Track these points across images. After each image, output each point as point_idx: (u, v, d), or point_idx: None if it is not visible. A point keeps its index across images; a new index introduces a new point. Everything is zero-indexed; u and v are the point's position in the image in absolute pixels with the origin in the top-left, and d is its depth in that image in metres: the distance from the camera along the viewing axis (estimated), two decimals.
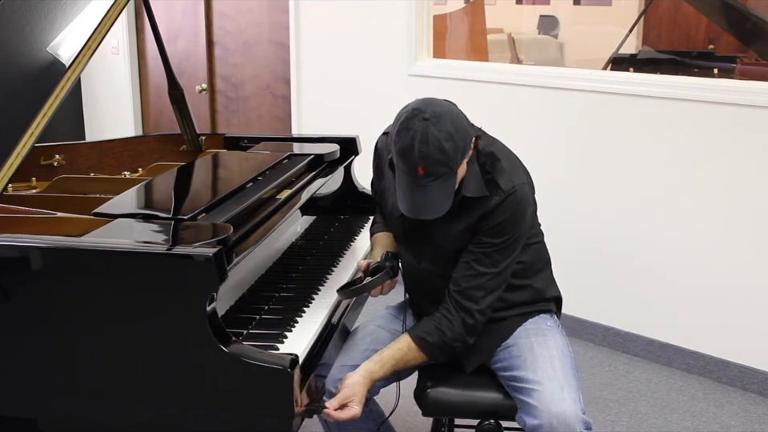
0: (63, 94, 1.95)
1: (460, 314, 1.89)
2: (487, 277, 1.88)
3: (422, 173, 1.72)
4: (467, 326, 1.89)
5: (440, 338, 1.89)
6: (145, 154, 2.72)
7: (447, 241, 1.93)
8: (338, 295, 1.97)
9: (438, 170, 1.73)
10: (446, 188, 1.75)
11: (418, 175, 1.73)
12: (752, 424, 2.89)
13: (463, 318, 1.89)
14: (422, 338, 1.90)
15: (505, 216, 1.85)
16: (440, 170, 1.73)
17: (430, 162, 1.71)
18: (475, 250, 1.89)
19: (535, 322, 2.02)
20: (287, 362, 1.54)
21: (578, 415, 1.78)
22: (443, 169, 1.73)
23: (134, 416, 1.63)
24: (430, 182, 1.73)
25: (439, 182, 1.74)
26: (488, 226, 1.86)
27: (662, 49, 5.20)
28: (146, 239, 1.71)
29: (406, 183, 1.77)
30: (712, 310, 3.16)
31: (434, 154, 1.71)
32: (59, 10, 2.23)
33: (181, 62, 4.97)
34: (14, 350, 1.64)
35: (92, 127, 5.71)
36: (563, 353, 1.94)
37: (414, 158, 1.72)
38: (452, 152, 1.73)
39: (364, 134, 2.83)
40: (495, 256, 1.88)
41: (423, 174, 1.72)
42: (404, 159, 1.74)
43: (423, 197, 1.75)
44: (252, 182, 2.14)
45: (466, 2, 5.58)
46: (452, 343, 1.90)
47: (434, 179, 1.73)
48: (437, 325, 1.89)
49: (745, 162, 3.01)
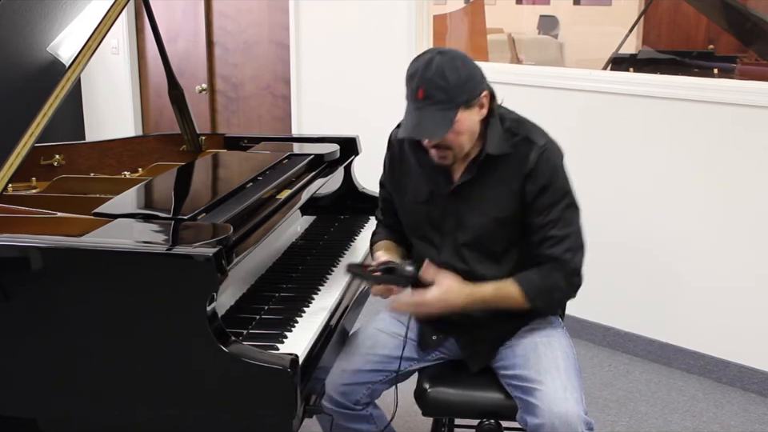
0: (63, 94, 1.95)
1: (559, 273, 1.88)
2: (569, 239, 1.88)
3: (422, 96, 1.79)
4: (569, 282, 1.89)
5: (544, 280, 1.87)
6: (145, 153, 2.72)
7: (489, 213, 1.90)
8: (346, 268, 1.98)
9: (436, 94, 1.78)
10: (443, 117, 1.80)
11: (418, 98, 1.80)
12: (752, 424, 2.89)
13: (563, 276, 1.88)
14: (527, 276, 1.87)
15: (549, 170, 1.88)
16: (438, 95, 1.78)
17: (430, 85, 1.78)
18: (543, 220, 1.88)
19: (540, 323, 2.02)
20: (287, 362, 1.54)
21: (581, 415, 1.78)
22: (441, 95, 1.78)
23: (134, 416, 1.63)
24: (428, 104, 1.79)
25: (437, 108, 1.79)
26: (539, 186, 1.87)
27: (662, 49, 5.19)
28: (146, 239, 1.71)
29: (408, 108, 1.83)
30: (712, 309, 3.16)
31: (434, 79, 1.78)
32: (59, 9, 2.23)
33: (181, 62, 4.97)
34: (14, 350, 1.64)
35: (92, 127, 5.71)
36: (567, 354, 1.94)
37: (416, 81, 1.80)
38: (453, 83, 1.78)
39: (364, 134, 2.83)
40: (566, 215, 1.89)
41: (422, 98, 1.79)
42: (408, 84, 1.82)
43: (419, 118, 1.80)
44: (252, 181, 2.14)
45: (466, 2, 5.58)
46: (553, 287, 1.88)
47: (432, 103, 1.79)
48: (540, 271, 1.88)
49: (745, 162, 3.01)
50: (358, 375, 1.99)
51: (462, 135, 1.84)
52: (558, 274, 1.88)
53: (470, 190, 1.92)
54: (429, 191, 1.97)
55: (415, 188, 1.99)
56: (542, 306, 1.92)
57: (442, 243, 1.98)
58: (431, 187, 1.97)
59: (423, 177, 1.99)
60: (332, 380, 1.95)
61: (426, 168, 1.98)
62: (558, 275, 1.88)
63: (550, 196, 1.88)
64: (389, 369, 2.02)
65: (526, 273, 1.89)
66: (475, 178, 1.91)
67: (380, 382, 2.02)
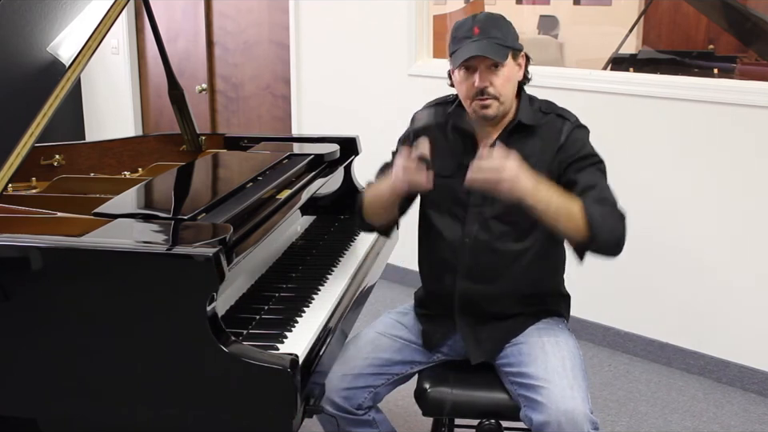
0: (63, 94, 1.95)
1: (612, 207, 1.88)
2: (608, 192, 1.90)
3: (478, 32, 1.88)
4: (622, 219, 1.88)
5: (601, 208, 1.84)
6: (145, 153, 2.72)
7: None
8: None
9: (491, 31, 1.88)
10: (497, 50, 1.88)
11: (474, 34, 1.89)
12: (752, 424, 2.89)
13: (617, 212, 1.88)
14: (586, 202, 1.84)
15: (581, 142, 1.95)
16: (493, 32, 1.89)
17: (486, 24, 1.89)
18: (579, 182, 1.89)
19: (547, 323, 2.02)
20: (287, 362, 1.54)
21: (587, 414, 1.77)
22: (496, 33, 1.89)
23: (134, 416, 1.63)
24: (484, 38, 1.88)
25: (492, 42, 1.87)
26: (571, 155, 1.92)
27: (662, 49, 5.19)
28: (146, 239, 1.71)
29: (461, 45, 1.90)
30: (712, 309, 3.16)
31: (489, 21, 1.91)
32: (59, 9, 2.23)
33: (181, 62, 4.97)
34: (14, 350, 1.64)
35: (92, 127, 5.71)
36: (574, 354, 1.94)
37: (471, 22, 1.90)
38: (505, 29, 1.91)
39: (364, 134, 2.83)
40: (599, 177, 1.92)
41: (479, 33, 1.88)
42: (460, 30, 1.92)
43: (479, 46, 1.87)
44: (252, 181, 2.14)
45: (466, 2, 5.57)
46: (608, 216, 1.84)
47: (488, 37, 1.88)
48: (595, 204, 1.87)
49: (745, 162, 3.01)
50: (360, 379, 1.99)
51: (509, 83, 1.93)
52: (610, 205, 1.88)
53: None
54: (456, 164, 1.97)
55: (440, 163, 1.96)
56: (599, 227, 1.82)
57: (467, 217, 1.98)
58: (459, 160, 1.97)
59: (449, 151, 2.00)
60: (334, 384, 1.95)
61: (452, 141, 2.01)
62: (609, 206, 1.87)
63: (584, 160, 1.93)
64: (391, 372, 2.02)
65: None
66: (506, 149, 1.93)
67: (382, 386, 2.02)
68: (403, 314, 2.14)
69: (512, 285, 1.99)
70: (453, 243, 2.00)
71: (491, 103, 1.91)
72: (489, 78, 1.89)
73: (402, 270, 3.93)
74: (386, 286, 4.00)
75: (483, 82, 1.90)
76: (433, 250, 2.06)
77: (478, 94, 1.91)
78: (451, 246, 2.00)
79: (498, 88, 1.90)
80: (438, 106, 2.08)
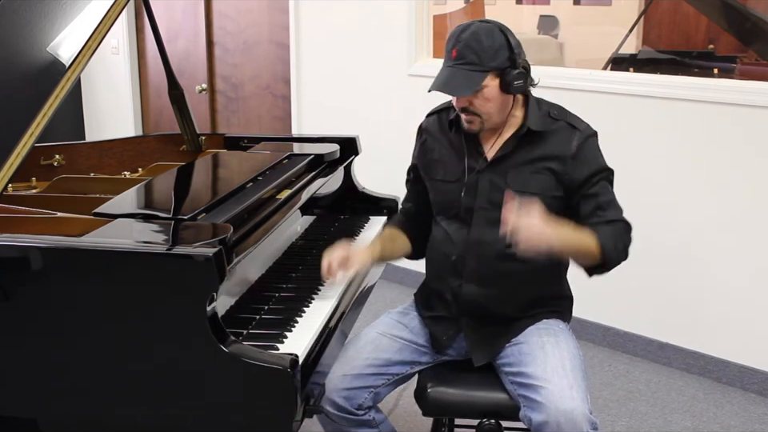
0: (63, 94, 1.95)
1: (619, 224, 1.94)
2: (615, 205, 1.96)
3: (455, 55, 1.88)
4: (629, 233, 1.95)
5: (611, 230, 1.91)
6: (145, 153, 2.72)
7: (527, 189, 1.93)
8: None
9: (468, 55, 1.87)
10: (471, 77, 1.87)
11: (452, 57, 1.89)
12: (752, 424, 2.89)
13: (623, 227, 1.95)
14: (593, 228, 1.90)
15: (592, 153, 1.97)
16: (470, 56, 1.87)
17: (462, 45, 1.87)
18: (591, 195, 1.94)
19: (548, 323, 2.02)
20: (287, 362, 1.54)
21: (586, 414, 1.77)
22: (473, 57, 1.87)
23: (133, 416, 1.63)
24: (458, 64, 1.88)
25: (466, 69, 1.87)
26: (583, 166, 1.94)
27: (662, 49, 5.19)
28: (146, 239, 1.71)
29: (442, 67, 1.92)
30: (712, 309, 3.16)
31: (469, 41, 1.87)
32: (59, 9, 2.23)
33: (181, 62, 4.97)
34: (14, 350, 1.64)
35: (92, 127, 5.71)
36: (574, 354, 1.94)
37: (452, 41, 1.90)
38: (486, 46, 1.87)
39: (364, 134, 2.83)
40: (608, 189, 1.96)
41: (455, 57, 1.88)
42: (447, 44, 1.92)
43: (450, 76, 1.88)
44: (252, 181, 2.14)
45: (466, 2, 5.58)
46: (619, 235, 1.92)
47: (462, 64, 1.87)
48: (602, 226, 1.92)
49: (745, 162, 3.01)
50: (361, 379, 1.99)
51: (489, 102, 1.91)
52: (619, 225, 1.94)
53: (506, 166, 1.97)
54: (461, 169, 2.01)
55: (447, 168, 2.04)
56: (612, 255, 1.91)
57: (473, 221, 1.99)
58: (463, 164, 2.00)
59: (456, 156, 2.03)
60: (334, 385, 1.95)
61: (458, 148, 2.03)
62: (619, 226, 1.94)
63: (596, 177, 1.95)
64: (391, 372, 2.02)
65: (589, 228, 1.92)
66: (512, 154, 1.97)
67: (383, 386, 2.02)
68: (404, 314, 2.14)
69: (518, 288, 1.99)
70: (459, 246, 2.01)
71: (474, 119, 1.95)
72: (467, 99, 1.92)
73: (402, 270, 3.93)
74: (385, 286, 4.00)
75: (461, 103, 1.93)
76: (439, 253, 2.06)
77: (461, 109, 1.95)
78: (457, 249, 2.01)
79: (478, 108, 1.92)
80: (442, 112, 2.11)
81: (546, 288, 2.05)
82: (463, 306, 2.00)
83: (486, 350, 2.01)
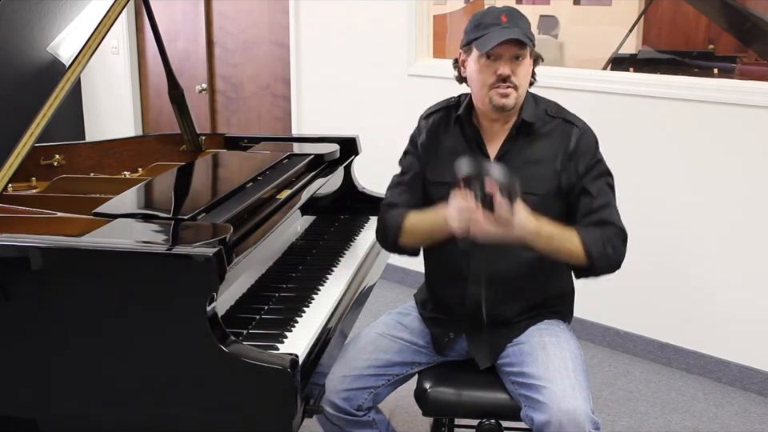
0: (63, 94, 1.95)
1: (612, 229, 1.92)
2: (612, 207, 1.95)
3: (506, 19, 1.89)
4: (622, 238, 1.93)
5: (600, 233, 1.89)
6: (145, 154, 2.72)
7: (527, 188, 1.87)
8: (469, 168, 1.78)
9: (518, 22, 1.89)
10: (523, 35, 1.88)
11: (502, 21, 1.89)
12: (752, 424, 2.89)
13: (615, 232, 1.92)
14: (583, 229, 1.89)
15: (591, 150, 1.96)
16: (521, 23, 1.90)
17: (512, 13, 1.90)
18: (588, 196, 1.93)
19: (549, 323, 2.02)
20: (287, 362, 1.54)
21: (588, 413, 1.77)
22: (524, 24, 1.90)
23: (133, 416, 1.63)
24: (513, 26, 1.88)
25: (518, 29, 1.88)
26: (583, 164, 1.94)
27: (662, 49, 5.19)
28: (146, 239, 1.71)
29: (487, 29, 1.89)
30: (712, 309, 3.16)
31: (516, 12, 1.91)
32: (59, 9, 2.23)
33: (181, 62, 4.97)
34: (14, 350, 1.64)
35: (92, 127, 5.71)
36: (575, 355, 1.94)
37: (497, 10, 1.90)
38: (528, 24, 1.92)
39: (364, 134, 2.83)
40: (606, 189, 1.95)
41: (507, 21, 1.89)
42: (486, 16, 1.91)
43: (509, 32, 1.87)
44: (252, 182, 2.14)
45: (466, 2, 5.57)
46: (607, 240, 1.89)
47: (516, 26, 1.88)
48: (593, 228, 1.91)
49: (745, 162, 3.01)
50: (361, 380, 1.99)
51: (528, 76, 1.95)
52: (611, 229, 1.92)
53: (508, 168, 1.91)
54: None
55: (450, 168, 1.93)
56: (597, 258, 1.88)
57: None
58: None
59: (456, 155, 1.96)
60: (334, 385, 1.95)
61: (459, 146, 2.01)
62: (610, 230, 1.91)
63: (594, 172, 1.95)
64: (391, 373, 2.02)
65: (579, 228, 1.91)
66: (514, 153, 1.96)
67: (383, 387, 2.02)
68: (404, 315, 2.14)
69: (521, 290, 1.99)
70: (462, 248, 2.00)
71: (511, 92, 1.91)
72: (512, 68, 1.91)
73: (402, 270, 3.93)
74: (385, 286, 4.00)
75: (506, 70, 1.90)
76: (442, 255, 2.05)
77: (498, 82, 1.90)
78: (461, 251, 2.00)
79: (520, 78, 1.92)
80: (441, 111, 2.09)
81: (550, 289, 2.05)
82: (465, 307, 2.00)
83: (487, 352, 2.01)
